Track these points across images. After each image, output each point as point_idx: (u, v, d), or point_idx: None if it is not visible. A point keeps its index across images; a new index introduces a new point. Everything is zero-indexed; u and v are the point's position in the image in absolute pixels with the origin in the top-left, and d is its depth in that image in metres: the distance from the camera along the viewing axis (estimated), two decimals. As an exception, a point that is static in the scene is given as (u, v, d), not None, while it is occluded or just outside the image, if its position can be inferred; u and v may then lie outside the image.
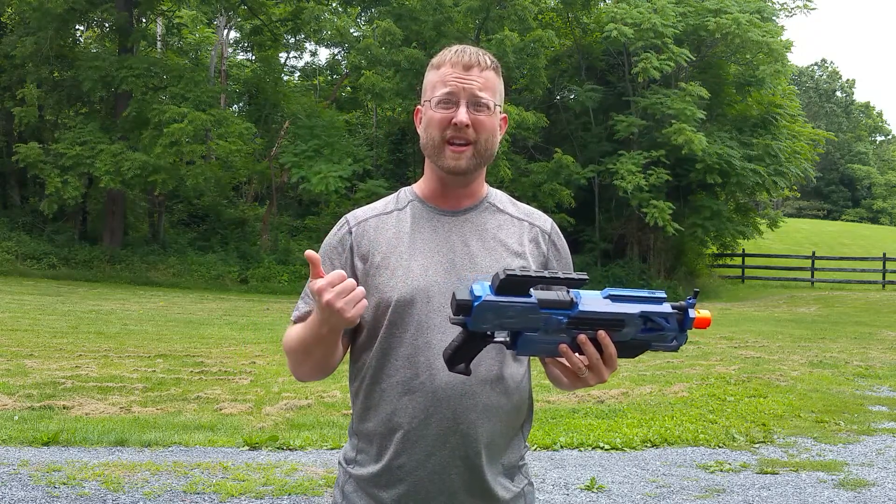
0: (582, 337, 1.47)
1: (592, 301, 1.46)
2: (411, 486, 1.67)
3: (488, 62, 1.72)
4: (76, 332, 11.81)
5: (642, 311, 1.47)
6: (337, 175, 22.04)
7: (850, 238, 38.95)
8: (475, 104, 1.68)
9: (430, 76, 1.74)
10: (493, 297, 1.41)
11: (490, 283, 1.42)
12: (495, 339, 1.48)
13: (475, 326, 1.44)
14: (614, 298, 1.47)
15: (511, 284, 1.41)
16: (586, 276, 1.47)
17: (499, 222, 1.78)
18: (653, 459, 5.91)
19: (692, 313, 1.49)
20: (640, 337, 1.49)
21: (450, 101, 1.68)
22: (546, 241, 1.80)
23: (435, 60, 1.75)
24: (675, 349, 1.52)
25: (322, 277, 1.50)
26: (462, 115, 1.67)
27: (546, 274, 1.43)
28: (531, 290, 1.43)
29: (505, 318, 1.43)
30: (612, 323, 1.47)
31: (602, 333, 1.47)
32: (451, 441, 1.65)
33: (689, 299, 1.50)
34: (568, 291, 1.46)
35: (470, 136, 1.68)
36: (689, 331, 1.51)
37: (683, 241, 24.12)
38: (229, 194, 28.71)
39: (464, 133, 1.68)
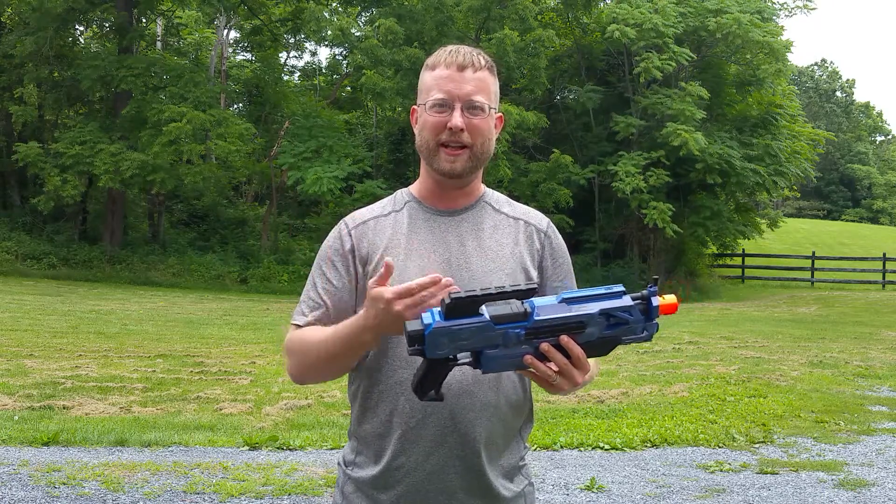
0: (544, 345, 1.46)
1: (548, 308, 1.44)
2: (410, 486, 1.67)
3: (483, 62, 1.71)
4: (76, 332, 11.81)
5: (602, 309, 1.45)
6: (332, 176, 22.06)
7: (850, 238, 38.95)
8: (470, 108, 1.67)
9: (426, 77, 1.73)
10: (443, 323, 1.41)
11: (440, 309, 1.42)
12: (459, 362, 1.47)
13: (432, 354, 1.43)
14: (570, 301, 1.45)
15: (460, 306, 1.41)
16: (535, 285, 1.46)
17: (495, 222, 1.78)
18: (653, 459, 5.91)
19: (655, 301, 1.47)
20: (606, 334, 1.47)
21: (444, 104, 1.67)
22: (541, 239, 1.80)
23: (430, 61, 1.74)
24: (649, 339, 1.50)
25: (385, 286, 1.49)
26: (457, 119, 1.66)
27: (492, 290, 1.43)
28: (483, 307, 1.42)
29: (460, 341, 1.42)
30: (572, 326, 1.45)
31: (565, 338, 1.45)
32: (449, 441, 1.65)
33: (650, 287, 1.48)
34: (522, 303, 1.44)
35: (465, 139, 1.68)
36: (658, 318, 1.49)
37: (683, 241, 24.11)
38: (229, 194, 28.71)
39: (458, 137, 1.67)
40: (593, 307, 1.45)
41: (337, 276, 1.71)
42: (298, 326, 1.71)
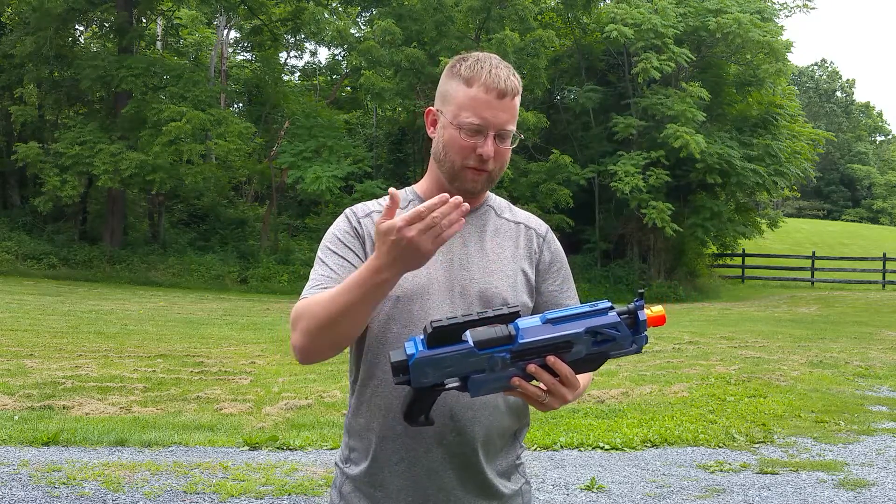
0: (531, 367, 1.45)
1: (533, 330, 1.43)
2: (408, 482, 1.67)
3: (517, 86, 1.70)
4: (76, 332, 11.81)
5: (587, 328, 1.43)
6: (331, 175, 22.07)
7: (850, 238, 38.96)
8: (501, 137, 1.68)
9: (459, 92, 1.68)
10: (427, 352, 1.41)
11: (422, 338, 1.42)
12: (447, 387, 1.46)
13: (418, 383, 1.43)
14: (555, 321, 1.44)
15: (442, 334, 1.40)
16: (518, 308, 1.44)
17: (496, 226, 1.79)
18: (653, 459, 5.91)
19: (643, 315, 1.46)
20: (594, 350, 1.46)
21: (479, 131, 1.66)
22: (539, 243, 1.81)
23: (464, 73, 1.69)
24: (638, 351, 1.49)
25: (393, 217, 1.44)
26: (489, 149, 1.66)
27: (474, 316, 1.42)
28: (467, 332, 1.42)
29: (445, 368, 1.42)
30: (558, 347, 1.44)
31: (552, 358, 1.44)
32: (447, 438, 1.65)
33: (637, 301, 1.47)
34: (506, 325, 1.43)
35: (490, 166, 1.69)
36: (647, 331, 1.47)
37: (683, 241, 24.12)
38: (229, 194, 28.73)
39: (485, 164, 1.68)
40: (579, 326, 1.44)
41: (350, 254, 1.70)
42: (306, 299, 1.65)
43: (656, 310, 1.49)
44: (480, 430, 1.67)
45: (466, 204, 1.45)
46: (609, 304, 1.46)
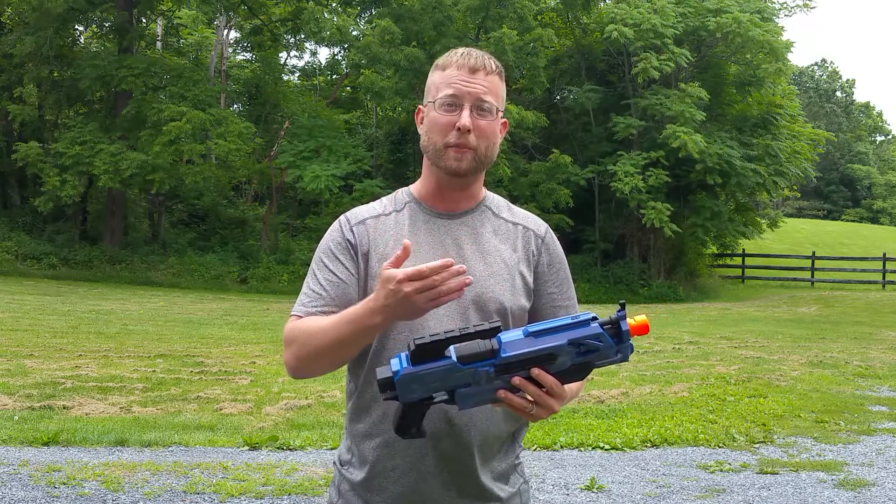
0: (516, 379, 1.46)
1: (515, 343, 1.45)
2: (406, 487, 1.67)
3: (493, 66, 1.72)
4: (76, 332, 11.81)
5: (569, 339, 1.45)
6: (330, 174, 22.08)
7: (850, 238, 38.96)
8: (479, 108, 1.68)
9: (435, 77, 1.73)
10: (411, 369, 1.44)
11: (406, 354, 1.45)
12: (435, 401, 1.48)
13: (405, 399, 1.46)
14: (537, 335, 1.46)
15: (425, 351, 1.43)
16: (499, 323, 1.47)
17: (494, 227, 1.78)
18: (653, 459, 5.91)
19: (625, 325, 1.48)
20: (578, 361, 1.48)
21: (454, 103, 1.68)
22: (538, 244, 1.80)
23: (440, 62, 1.74)
24: (624, 360, 1.50)
25: (398, 268, 1.48)
26: (465, 118, 1.66)
27: (456, 332, 1.45)
28: (451, 347, 1.44)
29: (431, 384, 1.45)
30: (542, 359, 1.46)
31: (536, 370, 1.46)
32: (443, 442, 1.65)
33: (619, 311, 1.48)
34: (489, 340, 1.45)
35: (471, 141, 1.68)
36: (632, 340, 1.49)
37: (684, 241, 24.12)
38: (229, 194, 28.73)
39: (465, 138, 1.67)
40: (561, 338, 1.46)
41: (340, 267, 1.71)
42: (299, 317, 1.69)
43: (639, 319, 1.51)
44: (477, 435, 1.67)
45: (470, 277, 1.50)
46: (591, 315, 1.48)
